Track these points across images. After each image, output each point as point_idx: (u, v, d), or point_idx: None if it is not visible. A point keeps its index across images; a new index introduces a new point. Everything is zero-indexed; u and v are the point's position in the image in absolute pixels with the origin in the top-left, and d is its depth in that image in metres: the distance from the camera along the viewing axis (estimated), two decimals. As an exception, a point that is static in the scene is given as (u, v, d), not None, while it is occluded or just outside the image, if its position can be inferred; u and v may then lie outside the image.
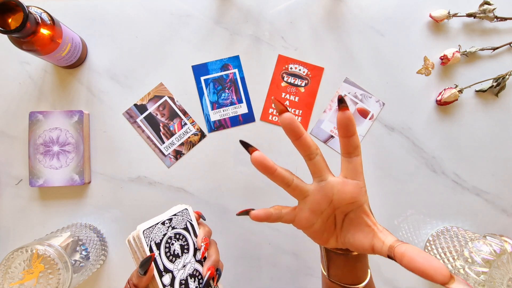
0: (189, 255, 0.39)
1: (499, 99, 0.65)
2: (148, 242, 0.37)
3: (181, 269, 0.38)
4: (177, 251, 0.38)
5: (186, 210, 0.42)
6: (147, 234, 0.38)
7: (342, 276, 0.39)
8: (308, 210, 0.36)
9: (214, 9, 0.65)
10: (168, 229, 0.39)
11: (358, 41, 0.65)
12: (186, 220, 0.41)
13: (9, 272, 0.46)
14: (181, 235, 0.40)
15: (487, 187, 0.64)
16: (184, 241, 0.40)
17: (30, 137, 0.60)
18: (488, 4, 0.63)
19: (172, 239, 0.39)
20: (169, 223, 0.39)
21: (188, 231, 0.40)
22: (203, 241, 0.39)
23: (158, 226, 0.38)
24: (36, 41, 0.51)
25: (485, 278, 0.48)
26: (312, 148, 0.35)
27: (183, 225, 0.40)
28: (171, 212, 0.40)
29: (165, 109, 0.64)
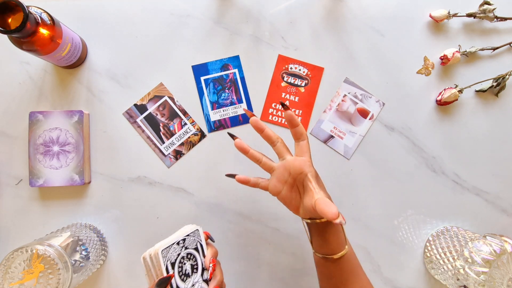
0: (197, 274, 0.41)
1: (499, 99, 0.65)
2: (165, 262, 0.38)
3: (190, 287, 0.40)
4: (188, 271, 0.40)
5: (197, 231, 0.43)
6: (164, 254, 0.39)
7: (320, 246, 0.47)
8: (275, 180, 0.49)
9: (214, 9, 0.65)
10: (182, 249, 0.41)
11: (358, 41, 0.65)
12: (197, 240, 0.43)
13: (9, 272, 0.46)
14: (192, 255, 0.42)
15: (487, 187, 0.64)
16: (194, 261, 0.42)
17: (30, 137, 0.60)
18: (488, 4, 0.63)
19: (184, 258, 0.41)
20: (183, 243, 0.41)
21: (197, 251, 0.43)
22: (211, 262, 0.43)
23: (174, 246, 0.40)
24: (36, 41, 0.51)
25: (485, 278, 0.48)
26: (273, 138, 0.50)
27: (194, 245, 0.42)
28: (184, 232, 0.42)
29: (165, 109, 0.64)
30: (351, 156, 0.64)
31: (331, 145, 0.64)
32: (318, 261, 0.49)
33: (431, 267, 0.60)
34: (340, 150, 0.64)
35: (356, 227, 0.63)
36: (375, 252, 0.63)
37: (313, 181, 0.46)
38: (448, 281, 0.56)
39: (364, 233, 0.63)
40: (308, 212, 0.46)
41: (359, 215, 0.63)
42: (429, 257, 0.60)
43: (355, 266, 0.49)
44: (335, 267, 0.47)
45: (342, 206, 0.64)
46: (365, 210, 0.64)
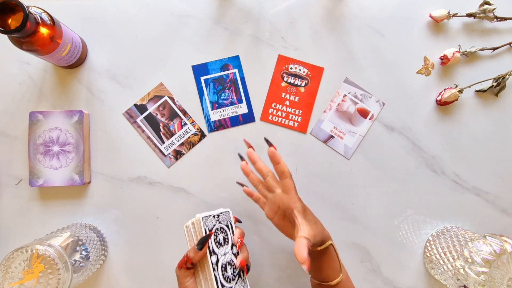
0: (228, 246, 0.49)
1: (499, 99, 0.65)
2: (204, 227, 0.46)
3: (223, 255, 0.47)
4: (221, 240, 0.48)
5: (228, 212, 0.51)
6: (204, 221, 0.46)
7: (316, 273, 0.50)
8: (268, 208, 0.53)
9: (214, 9, 0.65)
10: (217, 222, 0.48)
11: (358, 41, 0.65)
12: (228, 220, 0.51)
13: (9, 272, 0.46)
14: (223, 230, 0.49)
15: (487, 187, 0.64)
16: (226, 235, 0.49)
17: (30, 137, 0.60)
18: (488, 4, 0.63)
19: (218, 230, 0.48)
20: (218, 218, 0.48)
21: (228, 228, 0.50)
22: (238, 238, 0.50)
23: (211, 218, 0.47)
24: (36, 41, 0.51)
25: (485, 278, 0.48)
26: (264, 171, 0.52)
27: (225, 223, 0.50)
28: (218, 211, 0.49)
29: (165, 109, 0.64)
30: (351, 156, 0.64)
31: (331, 145, 0.64)
32: (314, 286, 0.51)
33: (431, 267, 0.60)
34: (340, 150, 0.64)
35: (356, 227, 0.63)
36: (375, 252, 0.63)
37: (299, 217, 0.48)
38: (448, 281, 0.56)
39: (364, 233, 0.63)
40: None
41: (359, 215, 0.63)
42: (429, 257, 0.60)
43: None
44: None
45: (342, 206, 0.64)
46: (365, 210, 0.64)
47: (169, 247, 0.62)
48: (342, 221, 0.63)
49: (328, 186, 0.64)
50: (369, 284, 0.63)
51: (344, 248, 0.63)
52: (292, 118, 0.65)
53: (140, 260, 0.62)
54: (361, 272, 0.63)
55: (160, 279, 0.62)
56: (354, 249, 0.63)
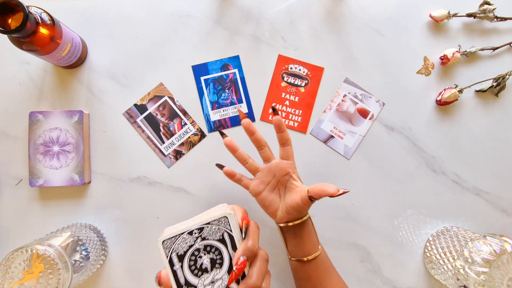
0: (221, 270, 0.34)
1: (499, 99, 0.65)
2: (168, 253, 0.34)
3: (208, 285, 0.34)
4: (205, 265, 0.34)
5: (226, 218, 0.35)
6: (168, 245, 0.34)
7: (296, 249, 0.50)
8: (258, 181, 0.52)
9: (214, 9, 0.65)
10: (197, 240, 0.35)
11: (358, 41, 0.65)
12: (224, 230, 0.35)
13: (9, 272, 0.46)
14: (213, 248, 0.35)
15: (487, 187, 0.64)
16: (217, 254, 0.35)
17: (30, 137, 0.60)
18: (488, 4, 0.63)
19: (200, 251, 0.34)
20: (198, 233, 0.35)
21: (224, 243, 0.35)
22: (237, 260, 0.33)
23: (182, 237, 0.34)
24: (36, 41, 0.51)
25: (485, 278, 0.48)
26: (261, 142, 0.51)
27: (218, 236, 0.35)
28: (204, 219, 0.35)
29: (165, 109, 0.64)
30: (351, 156, 0.64)
31: (331, 145, 0.64)
32: (294, 266, 0.52)
33: (431, 267, 0.60)
34: (340, 150, 0.64)
35: (356, 227, 0.63)
36: (375, 252, 0.63)
37: (298, 180, 0.51)
38: (448, 281, 0.56)
39: (364, 233, 0.63)
40: (287, 212, 0.49)
41: (359, 215, 0.63)
42: (429, 257, 0.60)
43: (329, 265, 0.52)
44: (310, 268, 0.50)
45: (342, 206, 0.64)
46: (365, 210, 0.64)
47: (169, 247, 0.62)
48: (342, 221, 0.63)
49: (328, 186, 0.64)
50: (369, 284, 0.63)
51: (344, 248, 0.63)
52: (292, 118, 0.65)
53: (140, 260, 0.62)
54: (361, 272, 0.63)
55: (160, 279, 0.62)
56: (354, 249, 0.63)
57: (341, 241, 0.63)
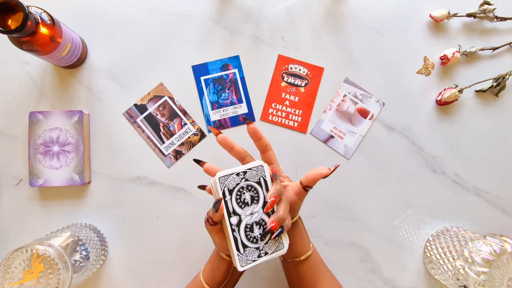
0: (258, 205, 0.44)
1: (499, 99, 0.65)
2: (222, 187, 0.43)
3: (248, 215, 0.44)
4: (247, 200, 0.44)
5: (262, 166, 0.45)
6: (222, 181, 0.43)
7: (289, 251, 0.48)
8: None
9: (214, 9, 0.65)
10: (242, 180, 0.44)
11: (358, 41, 0.65)
12: (260, 175, 0.45)
13: (9, 272, 0.46)
14: (252, 187, 0.44)
15: (487, 187, 0.64)
16: (255, 193, 0.44)
17: (30, 137, 0.60)
18: (488, 4, 0.63)
19: (244, 189, 0.44)
20: (243, 175, 0.44)
21: (260, 185, 0.45)
22: (270, 197, 0.43)
23: (232, 176, 0.43)
24: (36, 41, 0.51)
25: (485, 278, 0.48)
26: (242, 153, 0.49)
27: (256, 179, 0.45)
28: (247, 166, 0.44)
29: (165, 109, 0.64)
30: (351, 156, 0.64)
31: (331, 145, 0.64)
32: (287, 267, 0.51)
33: (431, 267, 0.60)
34: (340, 150, 0.64)
35: (356, 227, 0.63)
36: (375, 252, 0.63)
37: (286, 179, 0.50)
38: (448, 281, 0.56)
39: (364, 233, 0.63)
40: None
41: (359, 215, 0.63)
42: (429, 257, 0.60)
43: (321, 264, 0.51)
44: (302, 268, 0.50)
45: (342, 206, 0.64)
46: (365, 210, 0.64)
47: (169, 247, 0.62)
48: (342, 221, 0.63)
49: (328, 186, 0.64)
50: (369, 284, 0.63)
51: (344, 248, 0.63)
52: (292, 118, 0.65)
53: (140, 260, 0.62)
54: (361, 272, 0.63)
55: (160, 279, 0.62)
56: (354, 249, 0.63)
57: (341, 241, 0.63)
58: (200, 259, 0.62)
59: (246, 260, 0.43)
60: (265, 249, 0.44)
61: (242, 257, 0.42)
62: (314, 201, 0.63)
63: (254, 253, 0.43)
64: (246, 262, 0.43)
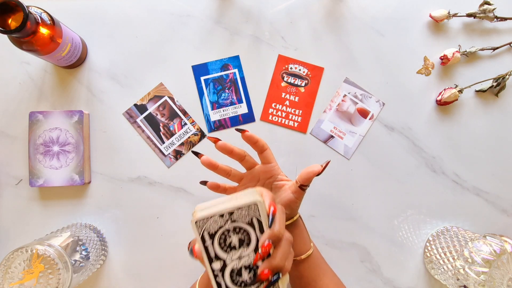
0: (249, 248, 0.37)
1: (499, 99, 0.65)
2: (201, 232, 0.37)
3: (235, 259, 0.37)
4: (233, 244, 0.37)
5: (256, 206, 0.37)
6: (200, 225, 0.37)
7: None
8: (243, 187, 0.51)
9: (214, 9, 0.65)
10: (227, 222, 0.37)
11: (358, 41, 0.65)
12: (253, 216, 0.37)
13: (9, 272, 0.46)
14: (242, 229, 0.37)
15: (487, 187, 0.64)
16: (246, 235, 0.37)
17: (30, 137, 0.60)
18: (488, 4, 0.63)
19: (230, 231, 0.37)
20: (229, 216, 0.37)
21: (253, 227, 0.37)
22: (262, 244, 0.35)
23: (214, 219, 0.37)
24: (36, 41, 0.51)
25: (485, 278, 0.48)
26: (241, 154, 0.49)
27: (247, 220, 0.37)
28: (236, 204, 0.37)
29: (165, 109, 0.64)
30: (351, 156, 0.64)
31: (331, 145, 0.64)
32: None
33: (431, 267, 0.60)
34: (340, 150, 0.64)
35: (356, 227, 0.63)
36: (375, 252, 0.63)
37: (284, 178, 0.50)
38: (448, 281, 0.56)
39: (364, 233, 0.63)
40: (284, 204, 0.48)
41: (359, 215, 0.63)
42: (429, 257, 0.60)
43: (322, 263, 0.51)
44: (303, 266, 0.49)
45: (342, 206, 0.64)
46: (365, 210, 0.64)
47: (169, 247, 0.62)
48: (342, 221, 0.63)
49: (328, 186, 0.64)
50: (369, 284, 0.63)
51: (344, 248, 0.63)
52: (292, 118, 0.65)
53: (140, 260, 0.62)
54: (361, 272, 0.63)
55: (160, 279, 0.62)
56: (354, 249, 0.63)
57: (341, 241, 0.63)
58: (200, 259, 0.62)
59: None
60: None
61: None
62: (314, 201, 0.63)
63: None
64: None
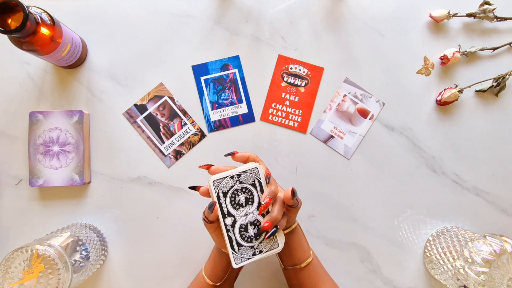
0: (253, 206, 0.46)
1: (499, 99, 0.65)
2: (217, 190, 0.45)
3: (243, 216, 0.45)
4: (241, 202, 0.45)
5: (256, 169, 0.46)
6: (216, 184, 0.45)
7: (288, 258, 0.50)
8: None
9: (214, 9, 0.65)
10: (236, 182, 0.45)
11: (358, 41, 0.65)
12: (255, 177, 0.46)
13: (9, 272, 0.46)
14: (247, 189, 0.45)
15: (487, 187, 0.64)
16: (250, 195, 0.46)
17: (30, 137, 0.60)
18: (488, 4, 0.63)
19: (238, 191, 0.45)
20: (237, 178, 0.45)
21: (255, 187, 0.46)
22: (264, 199, 0.44)
23: (226, 179, 0.45)
24: (36, 41, 0.51)
25: (485, 278, 0.48)
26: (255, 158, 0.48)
27: (251, 181, 0.46)
28: (241, 169, 0.46)
29: (165, 109, 0.64)
30: (351, 156, 0.64)
31: (331, 145, 0.64)
32: (288, 275, 0.52)
33: (431, 267, 0.60)
34: (340, 150, 0.64)
35: (356, 227, 0.63)
36: (375, 252, 0.63)
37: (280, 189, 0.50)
38: (448, 281, 0.56)
39: (364, 233, 0.63)
40: None
41: (359, 215, 0.63)
42: (429, 257, 0.60)
43: (321, 271, 0.52)
44: (303, 275, 0.50)
45: (342, 206, 0.64)
46: (365, 210, 0.64)
47: (169, 247, 0.62)
48: (342, 221, 0.63)
49: (328, 186, 0.64)
50: (369, 284, 0.63)
51: (344, 248, 0.63)
52: (292, 118, 0.65)
53: (140, 260, 0.62)
54: (361, 272, 0.63)
55: (160, 279, 0.62)
56: (354, 249, 0.63)
57: (341, 241, 0.63)
58: (200, 259, 0.62)
59: (241, 258, 0.44)
60: (260, 247, 0.45)
61: (237, 255, 0.44)
62: (314, 201, 0.63)
63: (249, 251, 0.45)
64: (241, 260, 0.44)
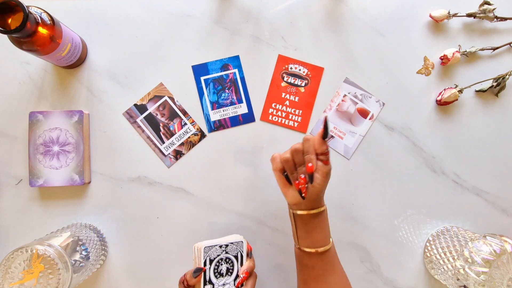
0: (231, 278, 0.49)
1: (499, 99, 0.65)
2: (205, 257, 0.48)
3: (221, 285, 0.49)
4: (222, 271, 0.49)
5: (242, 242, 0.51)
6: (206, 251, 0.48)
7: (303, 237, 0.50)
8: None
9: (214, 9, 0.65)
10: (222, 252, 0.49)
11: (358, 41, 0.65)
12: (239, 250, 0.50)
13: (9, 272, 0.46)
14: (230, 260, 0.50)
15: (487, 187, 0.64)
16: (231, 266, 0.50)
17: (30, 137, 0.60)
18: (488, 4, 0.63)
19: (222, 260, 0.49)
20: (225, 248, 0.49)
21: (237, 259, 0.50)
22: (242, 273, 0.49)
23: (215, 248, 0.49)
24: (36, 41, 0.51)
25: (485, 278, 0.48)
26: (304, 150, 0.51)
27: (235, 253, 0.50)
28: (229, 240, 0.50)
29: (165, 109, 0.64)
30: (351, 156, 0.64)
31: (331, 145, 0.64)
32: (300, 254, 0.52)
33: (431, 267, 0.60)
34: (340, 150, 0.64)
35: (356, 227, 0.63)
36: (375, 252, 0.63)
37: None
38: (448, 281, 0.56)
39: (364, 233, 0.63)
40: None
41: (359, 215, 0.63)
42: (429, 257, 0.60)
43: (336, 261, 0.52)
44: (318, 258, 0.50)
45: (342, 206, 0.64)
46: (365, 210, 0.64)
47: (169, 247, 0.62)
48: (342, 221, 0.63)
49: (328, 186, 0.64)
50: (369, 284, 0.63)
51: (344, 248, 0.63)
52: (292, 118, 0.65)
53: (140, 260, 0.62)
54: (361, 272, 0.63)
55: (160, 279, 0.62)
56: (354, 249, 0.63)
57: (341, 241, 0.63)
58: (200, 259, 0.62)
59: None
60: None
61: None
62: (314, 201, 0.63)
63: None
64: None
